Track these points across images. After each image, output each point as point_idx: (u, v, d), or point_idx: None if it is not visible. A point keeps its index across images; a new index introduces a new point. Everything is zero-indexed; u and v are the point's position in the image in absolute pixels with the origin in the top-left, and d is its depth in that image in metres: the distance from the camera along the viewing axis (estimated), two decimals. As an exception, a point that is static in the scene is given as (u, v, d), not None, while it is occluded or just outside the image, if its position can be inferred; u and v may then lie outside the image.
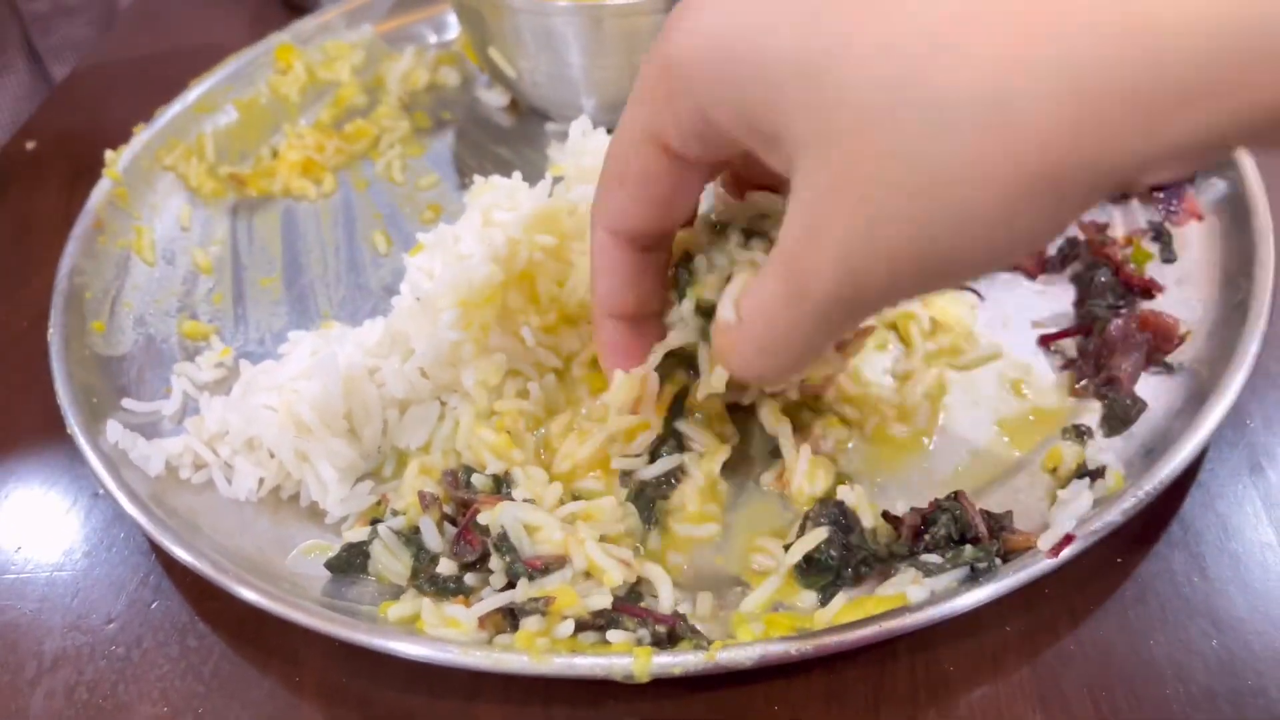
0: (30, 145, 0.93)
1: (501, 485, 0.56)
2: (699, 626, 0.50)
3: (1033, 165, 0.32)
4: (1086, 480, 0.53)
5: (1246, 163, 0.68)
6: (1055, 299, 0.67)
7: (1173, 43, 0.30)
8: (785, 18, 0.36)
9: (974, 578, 0.50)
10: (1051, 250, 0.69)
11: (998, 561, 0.50)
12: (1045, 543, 0.50)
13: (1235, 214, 0.67)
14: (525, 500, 0.54)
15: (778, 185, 0.51)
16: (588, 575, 0.50)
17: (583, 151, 0.72)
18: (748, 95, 0.38)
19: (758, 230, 0.50)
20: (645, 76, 0.43)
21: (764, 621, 0.50)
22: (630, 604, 0.49)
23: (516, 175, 0.69)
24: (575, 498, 0.57)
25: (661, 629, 0.48)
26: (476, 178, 0.69)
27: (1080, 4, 0.31)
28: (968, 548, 0.50)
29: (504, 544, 0.51)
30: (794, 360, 0.43)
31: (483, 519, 0.53)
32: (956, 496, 0.53)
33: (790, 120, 0.36)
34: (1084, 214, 0.35)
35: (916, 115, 0.33)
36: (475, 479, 0.56)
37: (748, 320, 0.43)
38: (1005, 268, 0.43)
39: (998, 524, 0.52)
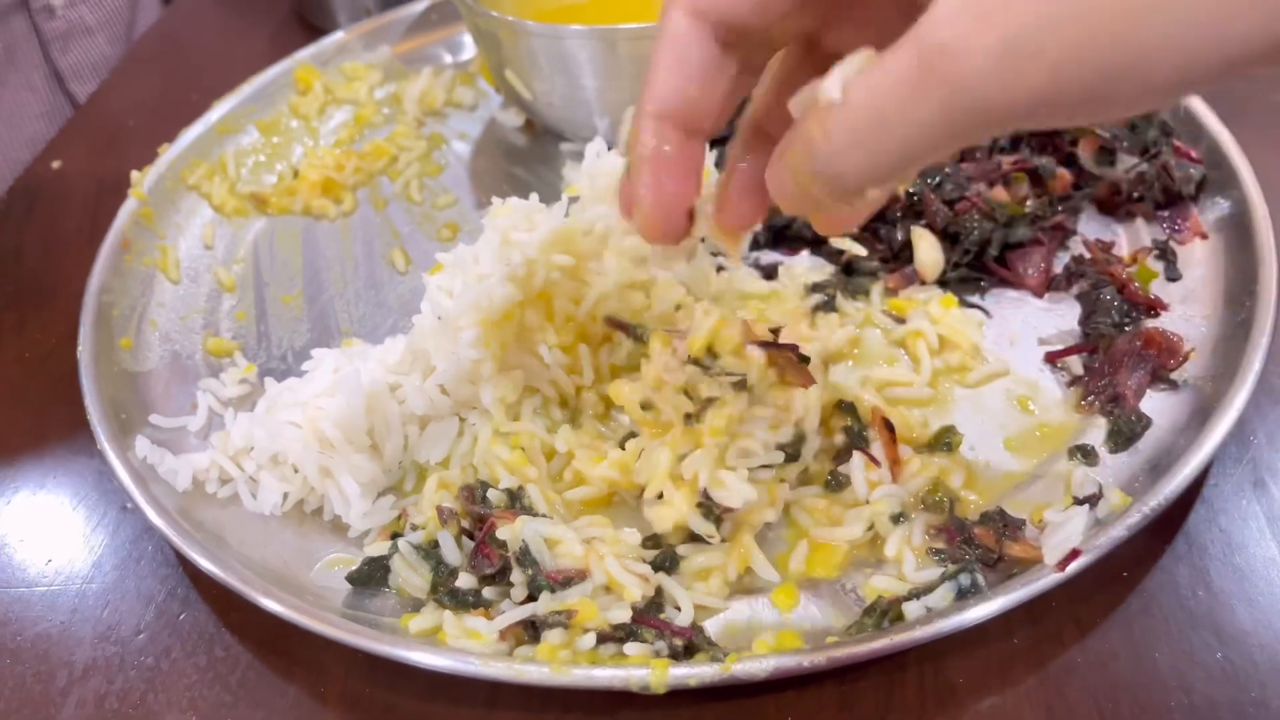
0: (56, 165, 0.96)
1: (515, 500, 0.58)
2: (715, 638, 0.51)
3: None
4: (1085, 507, 0.54)
5: (1249, 183, 0.69)
6: (1061, 316, 0.68)
7: None
8: None
9: (963, 596, 0.51)
10: (1058, 269, 0.70)
11: (980, 580, 0.52)
12: (1051, 557, 0.51)
13: (1238, 233, 0.68)
14: (542, 515, 0.56)
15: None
16: (607, 589, 0.51)
17: (598, 172, 0.73)
18: None
19: None
20: None
21: (776, 635, 0.51)
22: (649, 616, 0.50)
23: (534, 196, 0.70)
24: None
25: (679, 642, 0.49)
26: (495, 199, 0.71)
27: None
28: (951, 566, 0.52)
29: (526, 557, 0.52)
30: (892, 160, 0.36)
31: (501, 534, 0.54)
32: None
33: None
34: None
35: None
36: (491, 494, 0.58)
37: (857, 101, 0.36)
38: (1193, 90, 0.37)
39: (1009, 529, 0.53)
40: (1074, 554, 0.51)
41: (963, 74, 0.33)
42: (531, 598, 0.52)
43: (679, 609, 0.52)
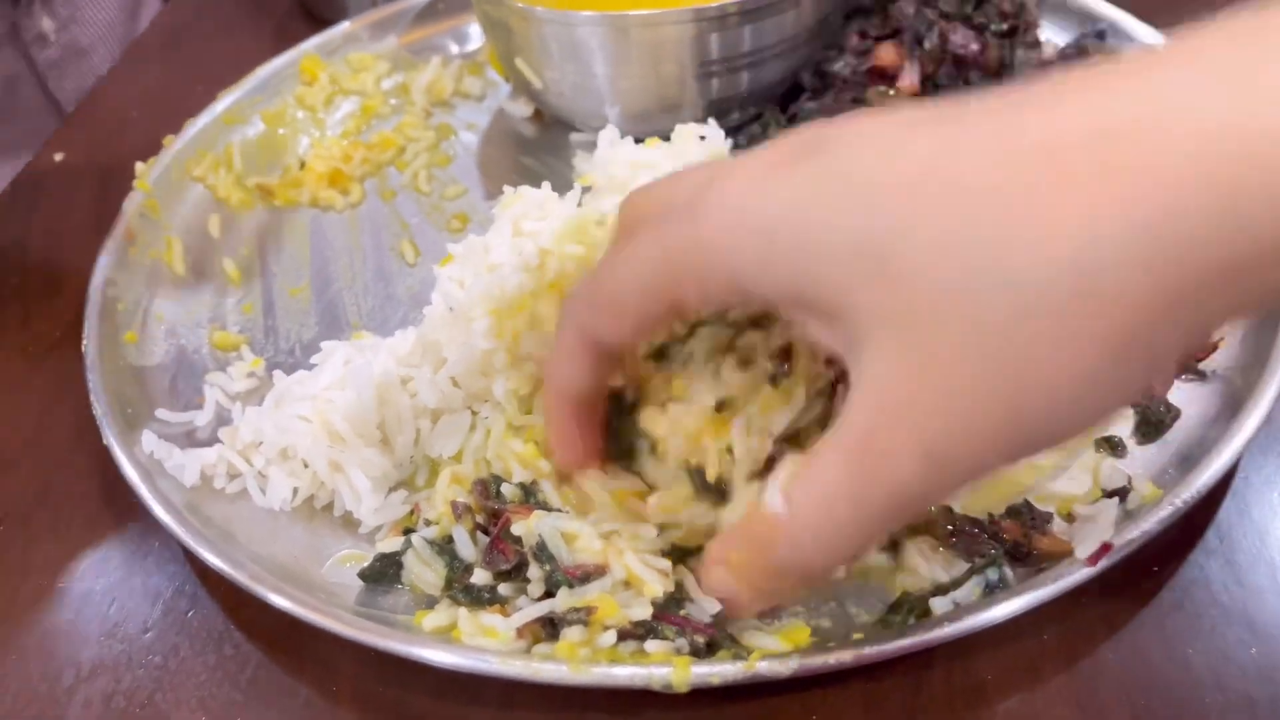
0: (59, 157, 0.94)
1: (529, 495, 0.57)
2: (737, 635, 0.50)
3: (1125, 333, 0.32)
4: (1115, 500, 0.52)
5: None
6: (1085, 306, 0.67)
7: (1261, 194, 0.30)
8: (832, 198, 0.36)
9: (989, 592, 0.50)
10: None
11: (1009, 575, 0.50)
12: (1083, 551, 0.50)
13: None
14: (558, 510, 0.55)
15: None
16: (626, 585, 0.50)
17: (611, 161, 0.72)
18: (799, 273, 0.37)
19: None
20: (668, 246, 0.42)
21: (792, 632, 0.50)
22: (670, 613, 0.49)
23: (546, 185, 0.69)
24: None
25: (700, 639, 0.48)
26: (506, 188, 0.69)
27: (1156, 162, 0.31)
28: (978, 560, 0.51)
29: (543, 553, 0.51)
30: (853, 552, 0.41)
31: (516, 529, 0.53)
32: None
33: (855, 299, 0.35)
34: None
35: (1000, 297, 0.32)
36: (505, 489, 0.57)
37: (803, 512, 0.40)
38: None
39: (1037, 523, 0.52)
40: (1106, 548, 0.49)
41: (897, 477, 0.36)
42: (549, 594, 0.51)
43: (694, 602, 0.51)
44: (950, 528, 0.53)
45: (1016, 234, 0.32)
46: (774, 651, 0.48)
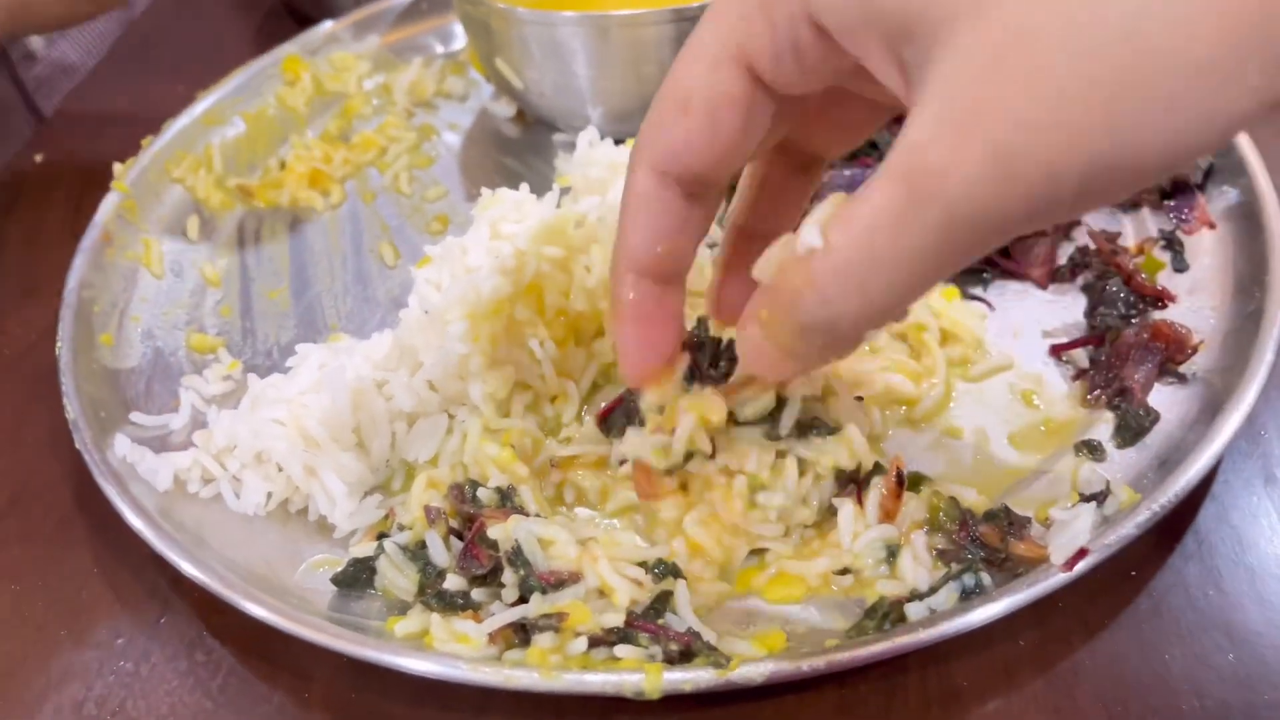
0: (38, 158, 0.94)
1: (506, 499, 0.56)
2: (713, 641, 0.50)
3: (1250, 16, 0.28)
4: (1092, 504, 0.52)
5: (1258, 170, 0.68)
6: (1066, 309, 0.67)
7: None
8: None
9: (966, 597, 0.49)
10: (1062, 259, 0.69)
11: (986, 580, 0.50)
12: (1058, 556, 0.49)
13: (1247, 222, 0.66)
14: (535, 514, 0.54)
15: (816, 169, 0.48)
16: (601, 592, 0.49)
17: (590, 162, 0.71)
18: None
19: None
20: None
21: (767, 638, 0.50)
22: (646, 620, 0.49)
23: (524, 187, 0.69)
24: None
25: (675, 647, 0.48)
26: (484, 190, 0.69)
27: None
28: (955, 566, 0.51)
29: (518, 557, 0.51)
30: (888, 296, 0.35)
31: (492, 533, 0.53)
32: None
33: None
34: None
35: None
36: (481, 493, 0.56)
37: (841, 243, 0.35)
38: (1186, 163, 0.38)
39: (1014, 528, 0.52)
40: (1081, 553, 0.49)
41: (954, 190, 0.31)
42: (523, 600, 0.50)
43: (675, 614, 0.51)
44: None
45: None
46: (751, 657, 0.48)
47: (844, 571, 0.53)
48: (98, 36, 1.14)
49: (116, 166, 0.82)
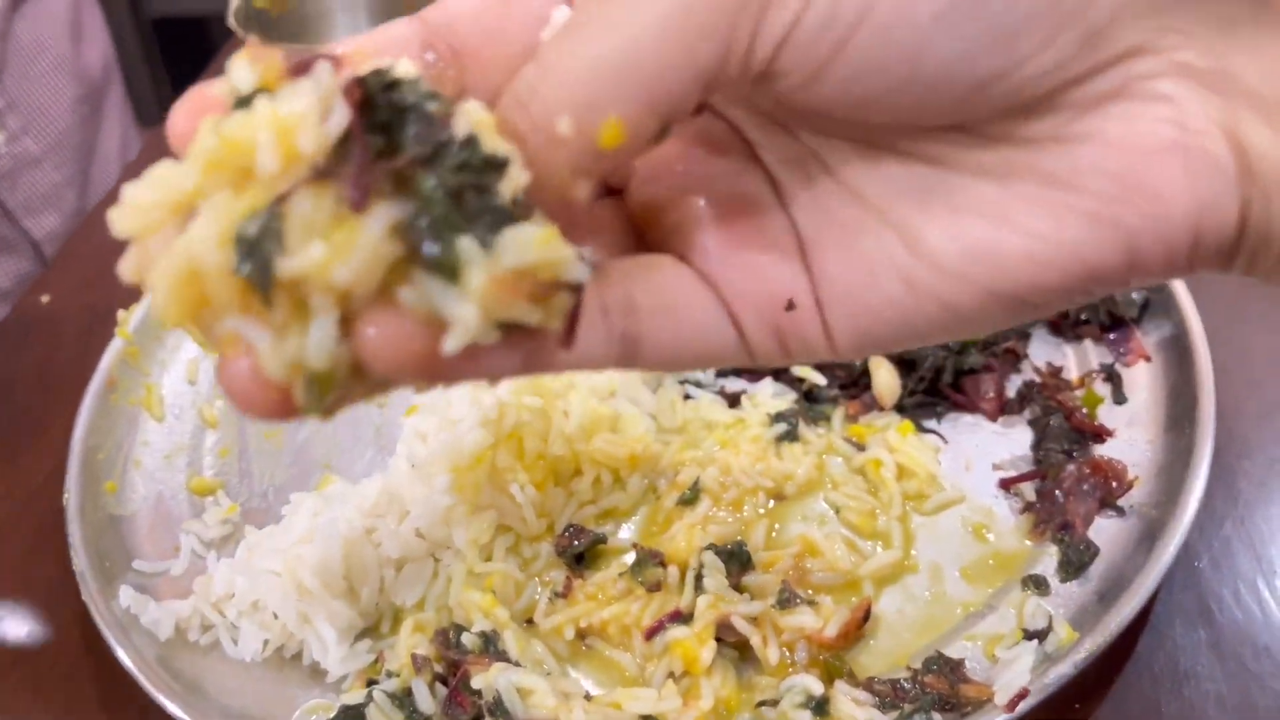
0: (45, 299, 0.98)
1: (489, 644, 0.60)
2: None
3: None
4: (1034, 642, 0.56)
5: (1187, 306, 0.72)
6: (1015, 441, 0.71)
7: None
8: None
9: None
10: (1010, 392, 0.73)
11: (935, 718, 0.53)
12: (1002, 697, 0.53)
13: (1178, 354, 0.71)
14: (516, 662, 0.58)
15: None
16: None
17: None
18: None
19: None
20: None
21: None
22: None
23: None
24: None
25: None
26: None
27: None
28: (906, 708, 0.54)
29: (498, 708, 0.54)
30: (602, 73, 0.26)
31: (475, 681, 0.56)
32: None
33: None
34: None
35: None
36: (465, 639, 0.59)
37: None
38: None
39: (954, 674, 0.55)
40: (1023, 693, 0.52)
41: None
42: (503, 749, 0.54)
43: None
44: (876, 686, 0.56)
45: None
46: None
47: None
48: (62, 134, 1.17)
49: (120, 313, 0.87)
